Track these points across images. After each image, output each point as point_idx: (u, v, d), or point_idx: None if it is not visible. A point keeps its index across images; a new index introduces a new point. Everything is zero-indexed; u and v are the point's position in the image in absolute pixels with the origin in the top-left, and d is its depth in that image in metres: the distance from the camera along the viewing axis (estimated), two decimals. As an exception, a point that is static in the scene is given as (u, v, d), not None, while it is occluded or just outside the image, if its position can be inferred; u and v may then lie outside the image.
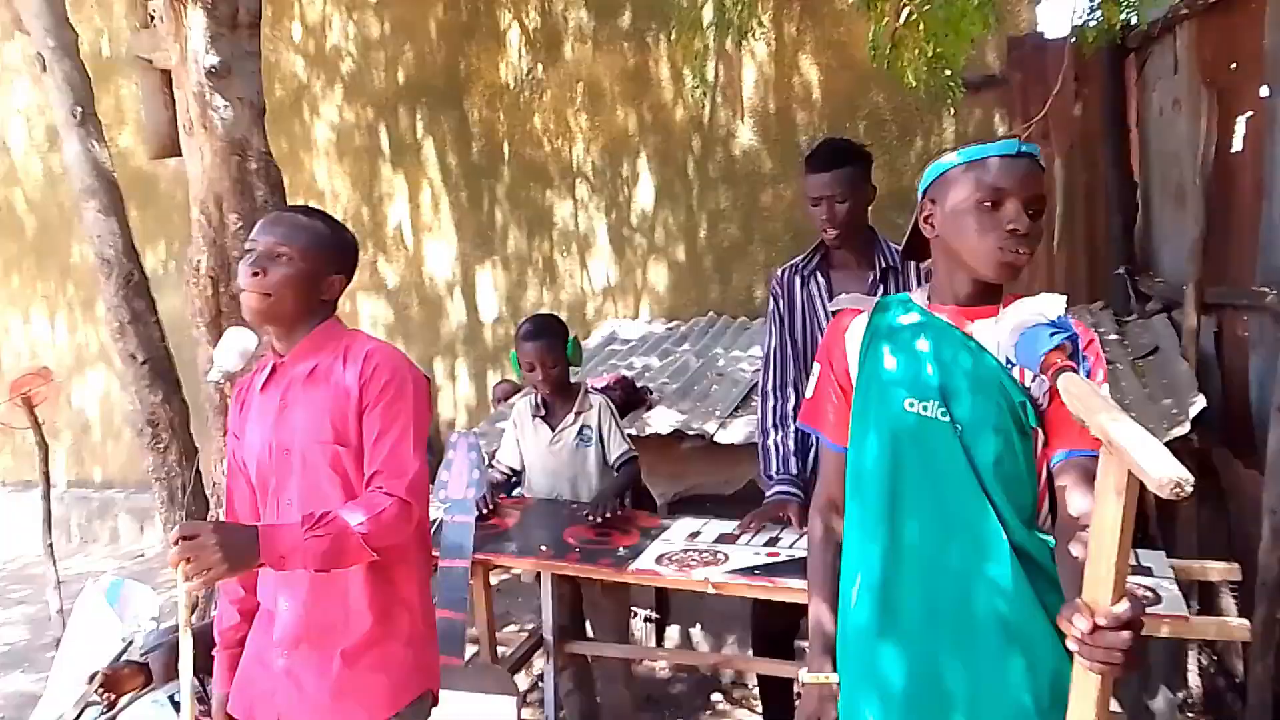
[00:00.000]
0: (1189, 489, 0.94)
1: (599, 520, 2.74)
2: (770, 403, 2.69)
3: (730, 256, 5.45)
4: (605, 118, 5.61)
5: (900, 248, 2.48)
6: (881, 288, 2.51)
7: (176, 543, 1.52)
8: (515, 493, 3.17)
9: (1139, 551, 2.34)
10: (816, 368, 1.66)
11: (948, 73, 2.86)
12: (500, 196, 5.97)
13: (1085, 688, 1.15)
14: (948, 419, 1.44)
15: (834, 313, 1.68)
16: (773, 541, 2.63)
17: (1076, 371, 1.20)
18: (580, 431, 2.98)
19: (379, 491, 1.69)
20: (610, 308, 5.78)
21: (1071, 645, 1.13)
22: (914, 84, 2.85)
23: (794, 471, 2.62)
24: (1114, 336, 3.77)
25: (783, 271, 2.70)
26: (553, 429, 3.00)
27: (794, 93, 5.14)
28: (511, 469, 3.10)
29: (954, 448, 1.43)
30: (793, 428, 2.63)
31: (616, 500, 2.85)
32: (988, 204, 1.42)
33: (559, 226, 5.84)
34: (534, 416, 3.02)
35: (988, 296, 1.48)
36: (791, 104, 5.16)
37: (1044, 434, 1.45)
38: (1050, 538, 1.46)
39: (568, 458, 2.99)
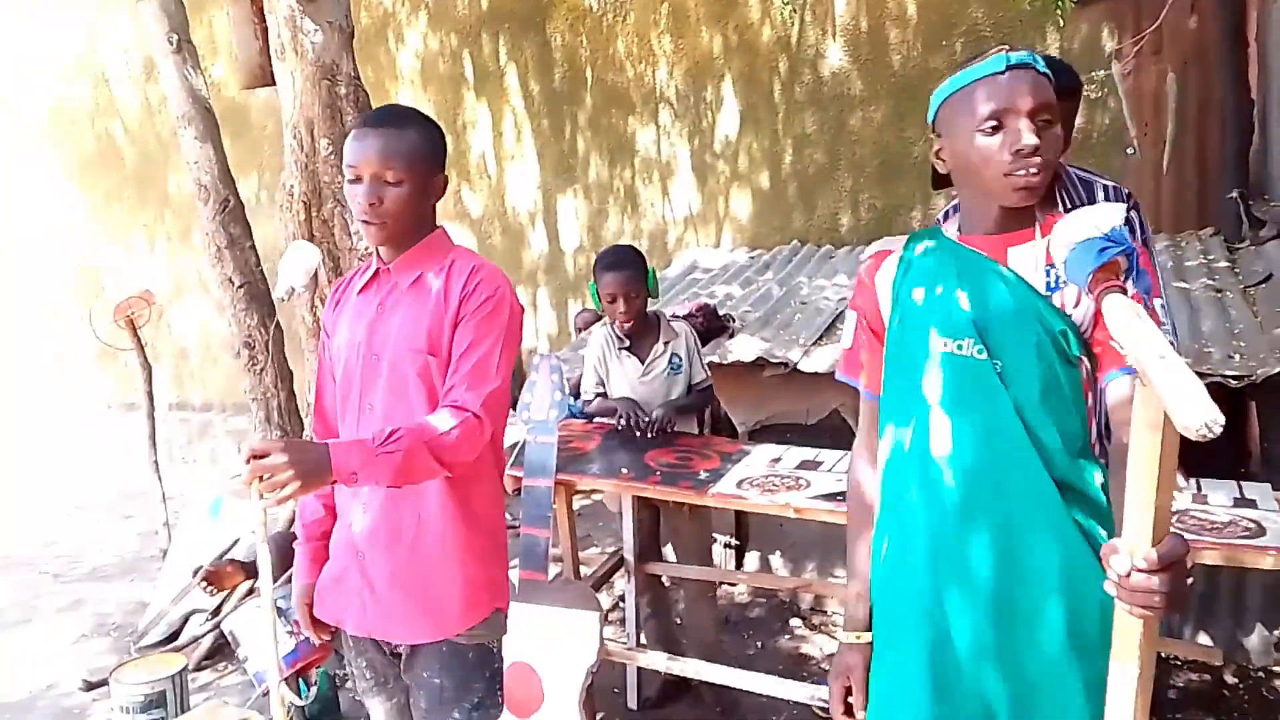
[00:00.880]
0: (1218, 430, 0.89)
1: (651, 436, 2.84)
2: None
3: (815, 183, 5.33)
4: (689, 40, 5.49)
5: (1094, 177, 2.33)
6: None
7: (248, 460, 1.53)
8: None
9: (1243, 484, 2.26)
10: (851, 315, 1.58)
11: (1056, -20, 2.71)
12: (582, 124, 5.92)
13: (1128, 630, 1.11)
14: (985, 356, 1.37)
15: (863, 260, 1.59)
16: (857, 467, 2.61)
17: (1125, 291, 1.13)
18: (671, 360, 2.99)
19: (452, 406, 1.68)
20: (692, 236, 5.72)
21: (1110, 589, 1.09)
22: (1019, -6, 2.71)
23: None
24: (1224, 264, 3.60)
25: (948, 212, 2.53)
26: (641, 360, 3.00)
27: (887, 10, 4.93)
28: (601, 394, 3.12)
29: (993, 385, 1.37)
30: None
31: (673, 414, 2.92)
32: (988, 129, 1.34)
33: (641, 154, 5.78)
34: (619, 349, 3.01)
35: (1020, 220, 1.41)
36: (884, 22, 4.96)
37: (1092, 357, 1.39)
38: (1099, 464, 1.42)
39: (660, 387, 3.00)
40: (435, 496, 1.77)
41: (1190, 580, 1.08)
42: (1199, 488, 2.25)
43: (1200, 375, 2.85)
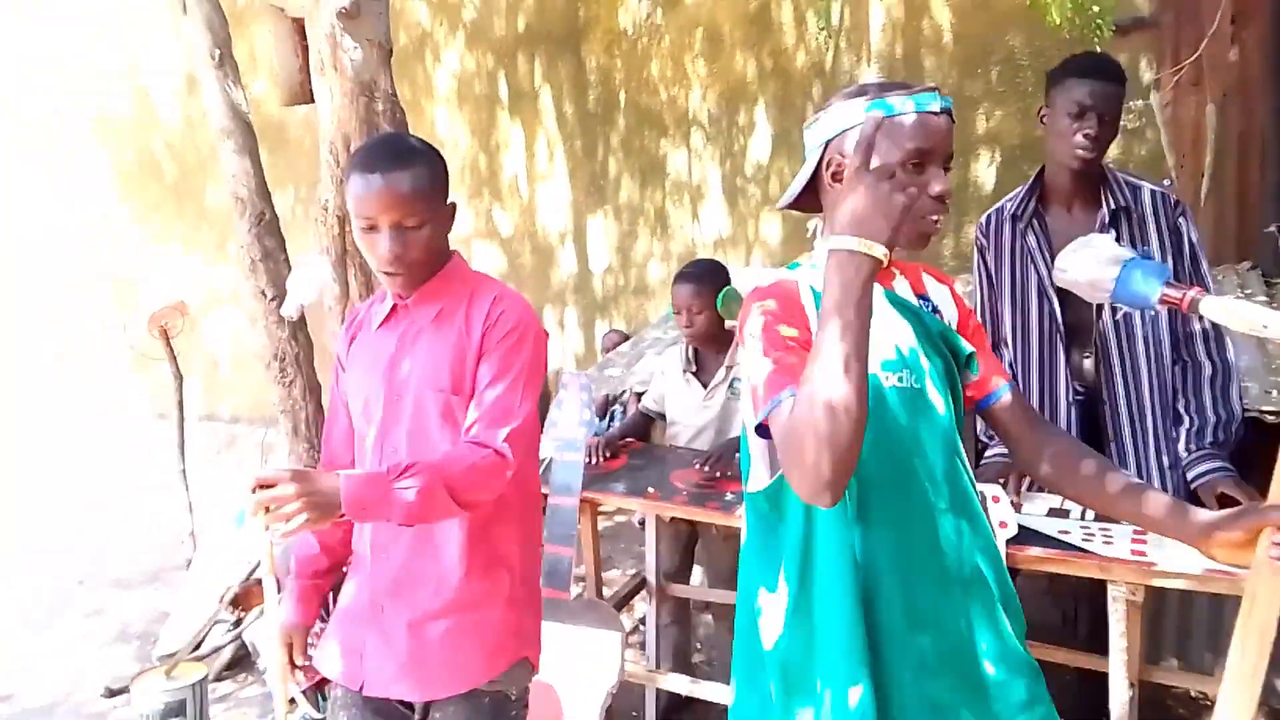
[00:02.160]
0: None
1: (706, 471, 2.72)
2: None
3: (847, 209, 5.31)
4: (724, 64, 5.51)
5: (1139, 181, 2.29)
6: (1113, 232, 2.22)
7: (254, 490, 1.44)
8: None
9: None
10: (761, 325, 1.36)
11: (1096, 9, 2.70)
12: (614, 145, 5.95)
13: (1275, 593, 1.16)
14: (920, 386, 1.38)
15: (777, 280, 1.45)
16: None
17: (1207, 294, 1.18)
18: (731, 385, 2.94)
19: (472, 443, 1.60)
20: (721, 259, 5.71)
21: (1275, 551, 1.15)
22: (1058, 22, 2.70)
23: None
24: (1262, 298, 3.53)
25: (989, 218, 2.43)
26: (705, 385, 2.97)
27: (924, 36, 4.93)
28: (659, 413, 3.07)
29: (929, 413, 1.38)
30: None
31: (734, 457, 2.80)
32: (911, 165, 1.30)
33: (672, 176, 5.80)
34: (685, 372, 2.99)
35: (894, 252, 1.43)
36: (920, 49, 4.95)
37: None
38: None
39: (719, 412, 2.97)
40: (456, 541, 1.69)
41: None
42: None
43: (1239, 409, 2.80)
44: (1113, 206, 2.26)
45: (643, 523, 3.05)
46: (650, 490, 2.71)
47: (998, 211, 2.42)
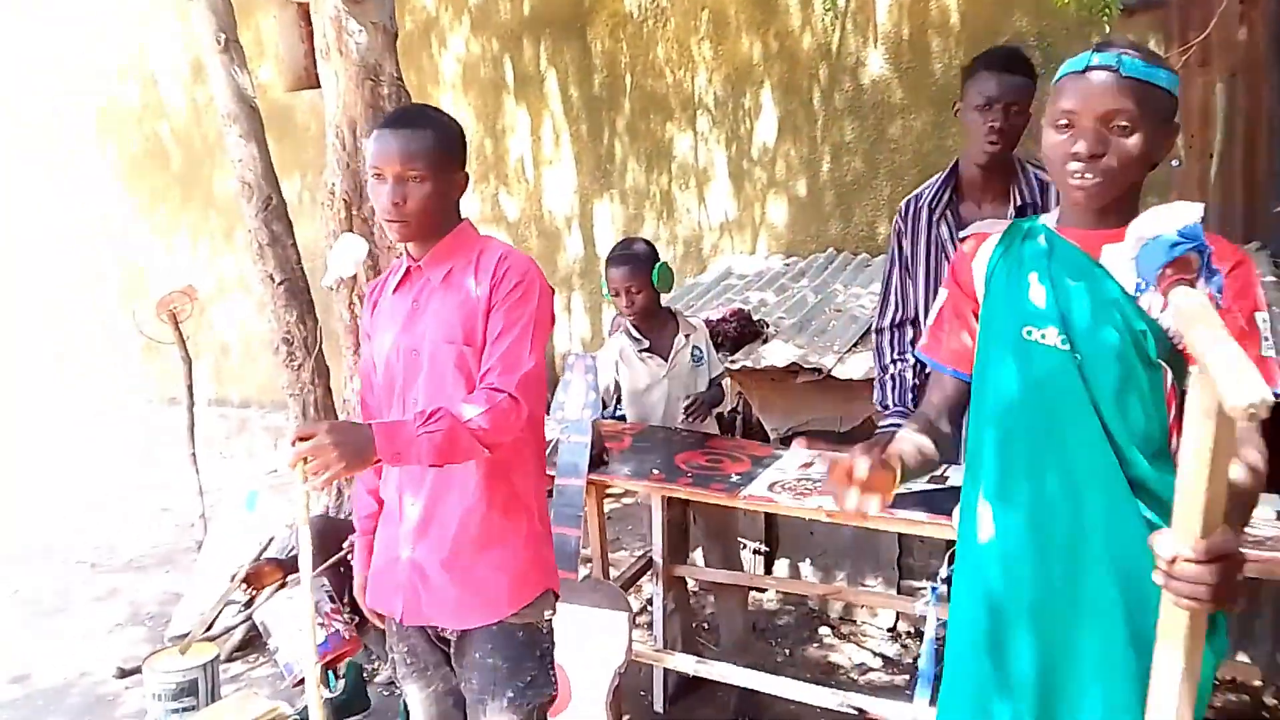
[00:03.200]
0: (1265, 412, 0.87)
1: (691, 417, 2.95)
2: (888, 338, 2.64)
3: (853, 191, 5.30)
4: (729, 46, 5.49)
5: (1040, 177, 2.37)
6: None
7: (294, 443, 1.58)
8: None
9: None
10: (943, 293, 1.62)
11: (1103, -13, 2.69)
12: (620, 129, 5.94)
13: (1173, 623, 1.08)
14: (1068, 348, 1.38)
15: (963, 238, 1.64)
16: (890, 474, 2.59)
17: (1194, 286, 1.12)
18: (693, 352, 3.05)
19: (489, 388, 1.72)
20: (727, 243, 5.72)
21: (1157, 577, 1.08)
22: (1065, 2, 2.69)
23: (910, 404, 2.57)
24: (1270, 278, 3.53)
25: (908, 204, 2.53)
26: (665, 358, 3.02)
27: (930, 17, 4.90)
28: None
29: (1072, 378, 1.38)
30: (911, 361, 2.58)
31: (707, 407, 3.02)
32: (1060, 125, 1.37)
33: (678, 159, 5.79)
34: (639, 352, 3.04)
35: (1118, 218, 1.38)
36: (927, 30, 4.93)
37: (1178, 364, 1.38)
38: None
39: (687, 379, 3.07)
40: (477, 483, 1.81)
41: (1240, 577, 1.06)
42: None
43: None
44: (1019, 203, 2.34)
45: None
46: (655, 471, 2.73)
47: (916, 198, 2.50)
